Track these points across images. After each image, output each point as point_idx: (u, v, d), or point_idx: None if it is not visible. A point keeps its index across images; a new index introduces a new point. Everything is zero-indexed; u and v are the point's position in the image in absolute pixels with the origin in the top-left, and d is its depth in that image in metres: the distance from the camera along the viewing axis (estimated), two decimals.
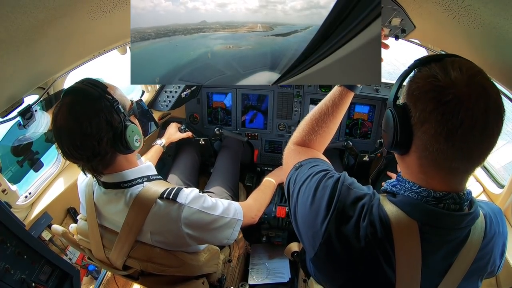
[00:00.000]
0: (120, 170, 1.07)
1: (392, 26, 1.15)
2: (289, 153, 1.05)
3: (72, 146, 0.95)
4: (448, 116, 0.63)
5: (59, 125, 0.96)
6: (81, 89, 0.98)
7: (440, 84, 0.64)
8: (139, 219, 1.04)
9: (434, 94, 0.65)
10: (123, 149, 1.01)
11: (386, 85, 1.98)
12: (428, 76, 0.67)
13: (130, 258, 1.08)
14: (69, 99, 0.97)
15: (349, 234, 0.75)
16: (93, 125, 0.94)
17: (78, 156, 0.97)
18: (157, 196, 1.04)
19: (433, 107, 0.65)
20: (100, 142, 0.96)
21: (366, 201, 0.78)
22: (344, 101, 1.01)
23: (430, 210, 0.71)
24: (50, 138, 1.59)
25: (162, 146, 1.87)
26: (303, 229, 0.86)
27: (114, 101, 0.99)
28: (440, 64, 0.67)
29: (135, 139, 1.04)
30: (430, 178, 0.72)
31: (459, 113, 0.62)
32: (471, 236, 0.75)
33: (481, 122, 0.62)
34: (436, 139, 0.65)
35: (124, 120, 1.01)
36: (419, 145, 0.70)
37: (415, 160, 0.73)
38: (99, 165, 1.02)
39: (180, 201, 1.05)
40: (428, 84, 0.66)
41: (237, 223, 1.21)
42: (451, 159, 0.66)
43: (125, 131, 1.00)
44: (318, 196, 0.82)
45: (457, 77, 0.64)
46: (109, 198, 1.09)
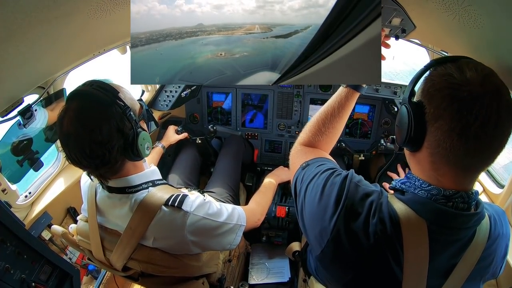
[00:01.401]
0: (126, 175, 1.05)
1: (392, 26, 1.15)
2: (295, 154, 1.05)
3: (80, 154, 0.91)
4: (462, 112, 0.64)
5: (66, 131, 0.91)
6: (91, 94, 0.94)
7: (456, 82, 0.66)
8: (142, 224, 1.02)
9: (449, 91, 0.66)
10: (133, 157, 0.99)
11: (386, 85, 1.98)
12: (444, 74, 0.69)
13: (131, 260, 1.08)
14: (77, 104, 0.92)
15: (358, 230, 0.75)
16: (104, 133, 0.90)
17: (87, 164, 0.94)
18: (162, 203, 1.03)
19: (447, 103, 0.66)
20: (111, 151, 0.93)
21: (375, 198, 0.78)
22: (350, 102, 1.02)
23: (439, 209, 0.72)
24: (50, 138, 1.59)
25: (162, 148, 1.89)
26: (310, 227, 0.86)
27: (126, 107, 0.96)
28: (456, 64, 0.69)
29: (146, 147, 1.01)
30: (441, 175, 0.73)
31: (473, 110, 0.63)
32: (477, 236, 0.75)
33: (493, 121, 0.63)
34: (450, 135, 0.66)
35: (136, 127, 0.98)
36: (432, 141, 0.70)
37: (427, 157, 0.73)
38: (108, 172, 1.00)
39: (185, 208, 1.03)
40: (444, 81, 0.68)
41: (240, 229, 1.20)
42: (463, 156, 0.67)
43: (136, 139, 0.97)
44: (326, 193, 0.82)
45: (472, 76, 0.65)
46: (113, 203, 1.08)
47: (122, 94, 1.00)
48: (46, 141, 1.58)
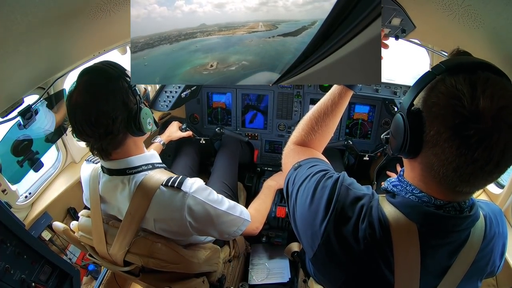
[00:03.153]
0: (127, 155, 1.07)
1: (392, 26, 1.15)
2: (288, 153, 1.05)
3: (85, 122, 0.95)
4: (463, 151, 0.59)
5: (74, 102, 0.96)
6: (100, 68, 1.00)
7: (464, 114, 0.57)
8: (142, 206, 1.04)
9: (454, 123, 0.58)
10: (135, 131, 1.03)
11: (386, 85, 1.98)
12: (453, 95, 0.59)
13: (131, 254, 1.08)
14: (87, 77, 0.98)
15: (348, 235, 0.75)
16: (110, 103, 0.95)
17: (90, 132, 0.97)
18: (161, 183, 1.05)
19: (449, 135, 0.60)
20: (114, 121, 0.97)
21: (365, 201, 0.77)
22: (344, 100, 1.00)
23: (429, 212, 0.70)
24: (50, 138, 1.59)
25: (161, 144, 1.87)
26: (302, 230, 0.85)
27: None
28: (470, 81, 0.59)
29: (148, 122, 1.06)
30: (431, 189, 0.71)
31: (476, 150, 0.58)
32: (471, 238, 0.74)
33: (495, 161, 0.59)
34: (445, 166, 0.63)
35: (139, 102, 1.03)
36: (425, 163, 0.67)
37: (418, 170, 0.71)
38: (110, 144, 1.02)
39: (184, 189, 1.05)
40: (451, 107, 0.59)
41: (244, 224, 1.22)
42: (456, 184, 0.65)
43: (139, 113, 1.02)
44: (317, 197, 0.81)
45: (485, 106, 0.56)
46: (115, 185, 1.10)
47: (129, 73, 1.03)
48: (46, 141, 1.58)
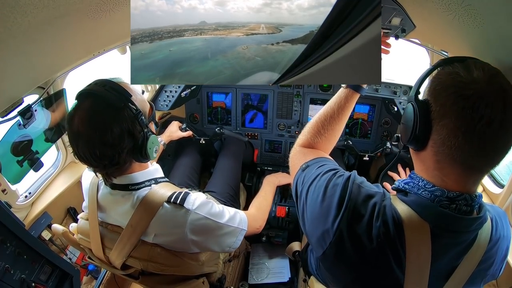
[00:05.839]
0: (131, 173, 1.06)
1: (392, 26, 1.14)
2: (295, 155, 1.05)
3: (90, 154, 0.92)
4: (468, 110, 0.64)
5: (76, 130, 0.91)
6: (104, 96, 0.93)
7: (462, 80, 0.66)
8: (144, 221, 1.03)
9: (456, 89, 0.66)
10: (141, 159, 1.01)
11: (386, 84, 1.98)
12: (451, 73, 0.69)
13: (131, 258, 1.08)
14: (89, 104, 0.92)
15: (361, 233, 0.75)
16: (115, 135, 0.91)
17: (95, 164, 0.95)
18: (164, 199, 1.04)
19: (453, 101, 0.66)
20: (120, 153, 0.94)
21: (378, 199, 0.78)
22: (350, 103, 1.01)
23: (442, 213, 0.71)
24: (50, 138, 1.59)
25: (162, 144, 1.87)
26: (312, 228, 0.85)
27: (138, 112, 0.97)
28: (463, 64, 0.70)
29: (155, 150, 1.03)
30: (445, 175, 0.72)
31: (479, 108, 0.63)
32: (478, 239, 0.75)
33: (499, 120, 0.63)
34: (455, 133, 0.66)
35: (146, 130, 0.99)
36: (436, 140, 0.70)
37: (431, 156, 0.73)
38: (115, 172, 1.02)
39: (187, 206, 1.04)
40: (450, 79, 0.68)
41: (241, 233, 1.20)
42: (467, 156, 0.67)
43: (146, 142, 0.98)
44: (328, 195, 0.81)
45: (478, 75, 0.66)
46: (116, 199, 1.09)
47: (134, 96, 1.00)
48: (46, 141, 1.58)
